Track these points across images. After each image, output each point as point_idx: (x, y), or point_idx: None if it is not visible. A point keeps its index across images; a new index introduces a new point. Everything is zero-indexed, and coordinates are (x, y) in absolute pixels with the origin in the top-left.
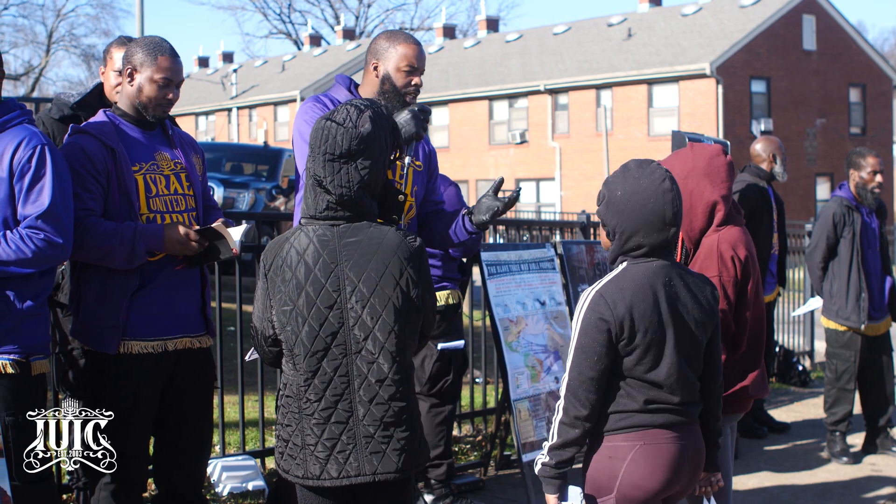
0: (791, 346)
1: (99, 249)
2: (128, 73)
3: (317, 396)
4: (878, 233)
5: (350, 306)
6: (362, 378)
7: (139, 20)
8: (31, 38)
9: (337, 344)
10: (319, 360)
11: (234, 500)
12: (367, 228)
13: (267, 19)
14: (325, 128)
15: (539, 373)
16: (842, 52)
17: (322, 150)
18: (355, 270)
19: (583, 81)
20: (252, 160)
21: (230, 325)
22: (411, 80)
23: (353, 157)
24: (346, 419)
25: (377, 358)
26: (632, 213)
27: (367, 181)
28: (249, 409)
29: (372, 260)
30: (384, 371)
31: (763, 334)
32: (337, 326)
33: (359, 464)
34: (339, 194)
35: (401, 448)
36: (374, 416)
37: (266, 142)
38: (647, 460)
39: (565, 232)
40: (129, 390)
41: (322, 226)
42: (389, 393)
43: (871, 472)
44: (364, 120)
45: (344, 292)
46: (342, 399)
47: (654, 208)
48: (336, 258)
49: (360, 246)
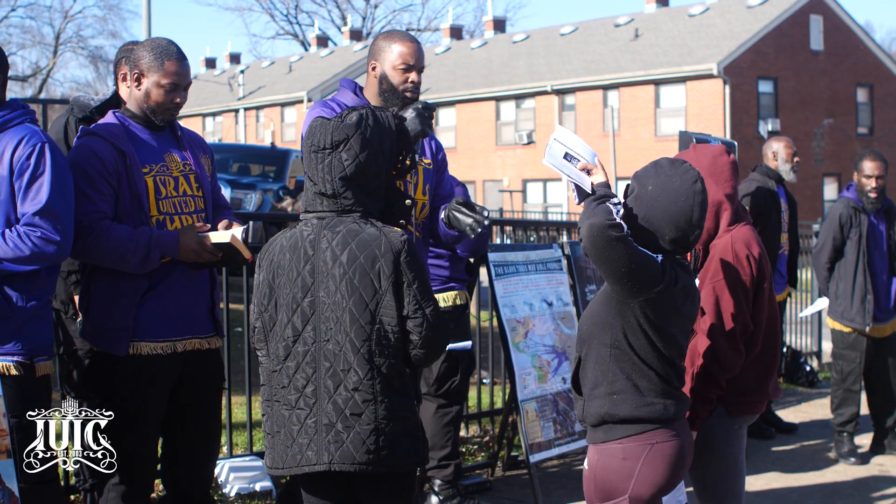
0: (799, 347)
1: (113, 254)
2: (135, 78)
3: (286, 382)
4: (885, 234)
5: (322, 293)
6: (329, 366)
7: (146, 21)
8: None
9: (308, 331)
10: (291, 346)
11: (241, 500)
12: (350, 223)
13: (274, 20)
14: (314, 123)
15: (546, 373)
16: (849, 52)
17: (308, 144)
18: (331, 258)
19: (590, 82)
20: (259, 161)
21: (238, 325)
22: (408, 78)
23: (334, 149)
24: (310, 405)
25: (343, 346)
26: (660, 209)
27: (352, 175)
28: (257, 410)
29: (346, 251)
30: (349, 361)
31: (778, 334)
32: (310, 313)
33: (316, 452)
34: (323, 186)
35: (362, 441)
36: (337, 405)
37: (273, 143)
38: (665, 458)
39: (573, 233)
40: (138, 391)
41: (312, 218)
42: (354, 383)
43: (878, 472)
44: (352, 116)
45: (318, 280)
46: (308, 385)
47: (684, 207)
48: (316, 246)
49: (338, 236)
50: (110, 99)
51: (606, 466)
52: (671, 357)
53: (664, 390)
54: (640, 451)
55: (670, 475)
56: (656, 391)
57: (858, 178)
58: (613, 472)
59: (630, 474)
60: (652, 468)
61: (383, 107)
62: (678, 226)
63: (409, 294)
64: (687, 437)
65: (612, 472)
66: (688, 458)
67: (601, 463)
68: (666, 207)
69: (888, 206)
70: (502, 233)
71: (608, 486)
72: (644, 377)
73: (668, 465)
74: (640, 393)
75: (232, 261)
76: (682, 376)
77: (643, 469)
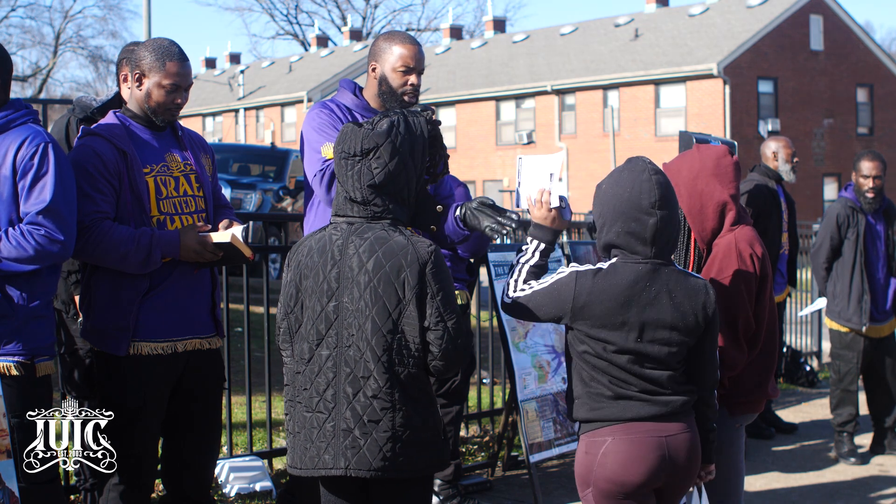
0: (799, 347)
1: (114, 254)
2: (136, 78)
3: (308, 384)
4: (883, 235)
5: (347, 299)
6: (349, 372)
7: (146, 21)
8: (39, 39)
9: (331, 335)
10: (314, 348)
11: (241, 500)
12: (378, 230)
13: (274, 20)
14: (345, 129)
15: (546, 374)
16: (849, 52)
17: (339, 150)
18: (357, 265)
19: (590, 82)
20: (259, 161)
21: (238, 325)
22: (407, 80)
23: (363, 156)
24: (329, 409)
25: (364, 354)
26: (610, 202)
27: (381, 183)
28: (257, 410)
29: (372, 258)
30: (370, 368)
31: (777, 333)
32: (333, 318)
33: (334, 457)
34: (352, 192)
35: (379, 448)
36: (355, 411)
37: (273, 143)
38: (617, 454)
39: (572, 232)
40: (138, 391)
41: (342, 223)
42: (373, 390)
43: (878, 472)
44: (383, 123)
45: (342, 285)
46: (328, 389)
47: (630, 197)
48: (343, 252)
49: (366, 242)
50: (112, 99)
51: (578, 458)
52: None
53: (620, 394)
54: (595, 447)
55: (627, 473)
56: (610, 395)
57: (856, 177)
58: (581, 465)
59: (590, 468)
60: (604, 465)
61: (414, 112)
62: (630, 215)
63: (433, 306)
64: (678, 436)
65: (580, 465)
66: (660, 459)
67: (577, 454)
68: (615, 200)
69: (887, 206)
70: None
71: (580, 476)
72: (597, 382)
73: (620, 463)
74: (593, 397)
75: (233, 260)
76: (657, 378)
77: (598, 464)
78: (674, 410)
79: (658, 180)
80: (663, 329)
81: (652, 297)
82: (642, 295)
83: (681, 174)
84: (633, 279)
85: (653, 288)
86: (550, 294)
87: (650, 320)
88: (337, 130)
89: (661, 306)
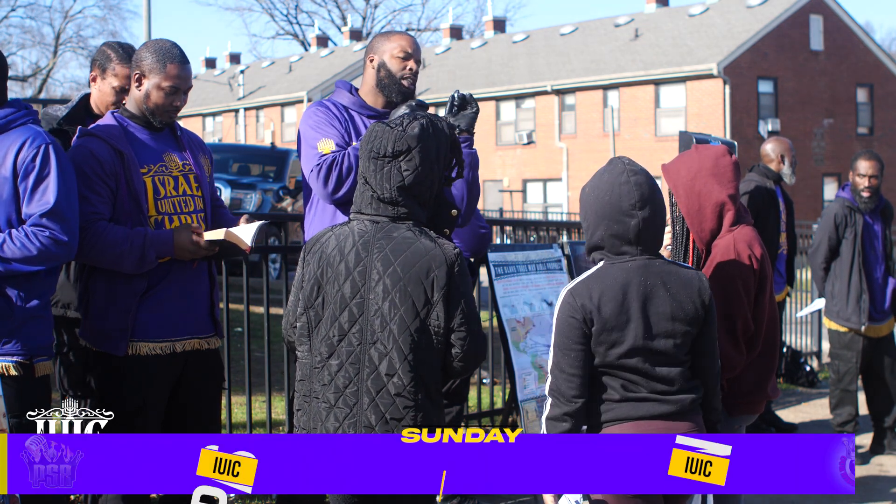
0: (798, 347)
1: (109, 254)
2: (136, 78)
3: (328, 380)
4: (881, 234)
5: (372, 297)
6: (372, 369)
7: (146, 21)
8: (39, 39)
9: (354, 332)
10: (335, 344)
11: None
12: (404, 230)
13: (274, 20)
14: (375, 129)
15: (546, 374)
16: (849, 52)
17: (367, 149)
18: (384, 263)
19: (590, 82)
20: (259, 161)
21: (238, 325)
22: (406, 66)
23: (394, 158)
24: (350, 405)
25: (390, 352)
26: (592, 206)
27: (410, 185)
28: (257, 410)
29: (401, 258)
30: (394, 366)
31: (777, 334)
32: (357, 315)
33: None
34: (380, 192)
35: None
36: (378, 409)
37: (273, 143)
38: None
39: (572, 232)
40: (137, 391)
41: (365, 220)
42: (397, 388)
43: (878, 472)
44: (414, 126)
45: (369, 282)
46: (350, 386)
47: (612, 199)
48: (369, 250)
49: (393, 241)
50: (78, 104)
51: None
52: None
53: (630, 397)
54: None
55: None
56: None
57: (853, 177)
58: None
59: None
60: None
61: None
62: (613, 218)
63: (458, 307)
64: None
65: None
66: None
67: None
68: (598, 204)
69: (884, 206)
70: (502, 233)
71: None
72: (609, 389)
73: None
74: (602, 403)
75: (231, 253)
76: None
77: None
78: (683, 409)
79: (637, 181)
80: (665, 320)
81: (649, 291)
82: (639, 290)
83: (679, 174)
84: (625, 277)
85: (647, 282)
86: (560, 327)
87: (652, 313)
88: (333, 128)
89: (659, 298)
